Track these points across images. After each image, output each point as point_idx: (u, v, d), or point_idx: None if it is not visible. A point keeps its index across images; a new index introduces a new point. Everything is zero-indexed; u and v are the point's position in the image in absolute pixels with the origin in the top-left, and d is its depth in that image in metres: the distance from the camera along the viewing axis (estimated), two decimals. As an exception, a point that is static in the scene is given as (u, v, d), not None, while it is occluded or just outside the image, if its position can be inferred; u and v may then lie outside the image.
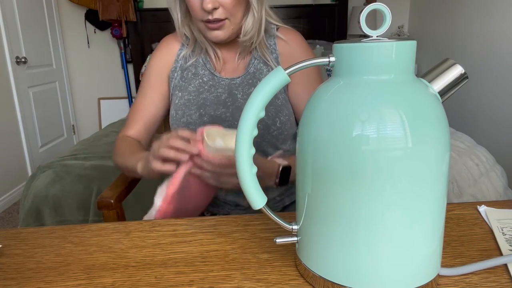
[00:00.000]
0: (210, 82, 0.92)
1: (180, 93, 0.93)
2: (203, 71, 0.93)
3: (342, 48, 0.42)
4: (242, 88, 0.91)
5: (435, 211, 0.42)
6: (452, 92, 0.46)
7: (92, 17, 3.40)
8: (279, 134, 0.89)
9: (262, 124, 0.87)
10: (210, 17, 0.81)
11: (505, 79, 2.13)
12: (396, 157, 0.39)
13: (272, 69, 0.82)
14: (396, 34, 3.40)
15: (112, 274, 0.51)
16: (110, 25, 3.34)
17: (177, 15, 0.91)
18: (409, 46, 0.41)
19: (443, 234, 0.45)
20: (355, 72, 0.42)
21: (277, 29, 0.95)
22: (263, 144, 0.89)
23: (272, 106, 0.88)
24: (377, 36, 0.42)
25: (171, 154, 0.68)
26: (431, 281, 0.44)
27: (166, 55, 0.96)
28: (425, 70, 0.51)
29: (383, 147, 0.39)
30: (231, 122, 0.89)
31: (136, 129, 0.96)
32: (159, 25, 3.23)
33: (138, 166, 0.80)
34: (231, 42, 0.92)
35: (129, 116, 0.98)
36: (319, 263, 0.46)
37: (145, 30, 3.33)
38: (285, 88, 0.92)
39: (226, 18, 0.83)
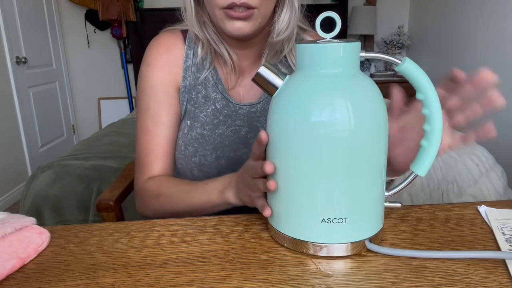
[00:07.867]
0: (225, 111, 0.75)
1: (189, 122, 0.75)
2: (215, 94, 0.76)
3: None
4: (265, 118, 0.73)
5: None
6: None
7: (92, 17, 3.41)
8: None
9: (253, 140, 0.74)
10: (236, 1, 0.64)
11: (505, 79, 2.13)
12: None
13: None
14: (396, 34, 3.40)
15: (112, 274, 0.51)
16: (110, 25, 3.35)
17: (190, 6, 0.72)
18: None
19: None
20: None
21: (304, 33, 0.79)
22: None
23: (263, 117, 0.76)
24: (330, 38, 0.51)
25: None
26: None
27: (172, 66, 0.77)
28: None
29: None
30: None
31: (162, 166, 0.74)
32: (159, 25, 3.18)
33: (227, 195, 0.64)
34: (252, 44, 0.75)
35: (143, 152, 0.75)
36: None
37: (145, 30, 3.33)
38: None
39: (255, 8, 0.66)
